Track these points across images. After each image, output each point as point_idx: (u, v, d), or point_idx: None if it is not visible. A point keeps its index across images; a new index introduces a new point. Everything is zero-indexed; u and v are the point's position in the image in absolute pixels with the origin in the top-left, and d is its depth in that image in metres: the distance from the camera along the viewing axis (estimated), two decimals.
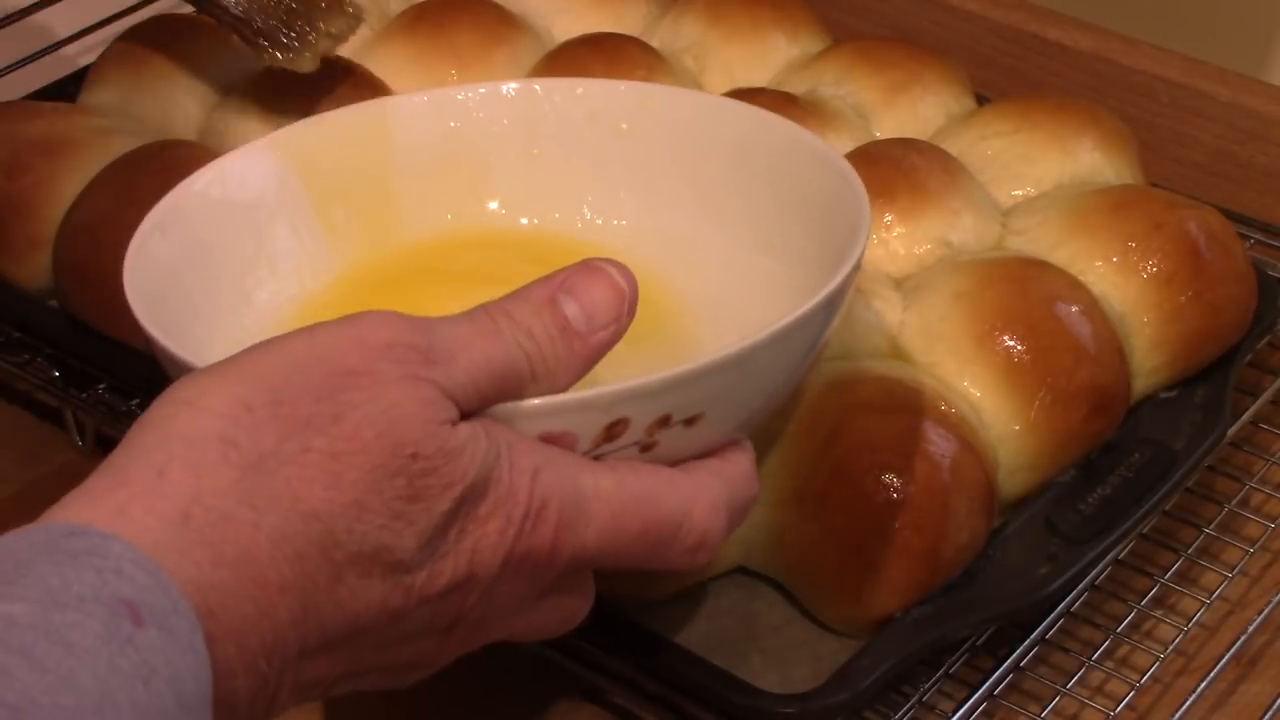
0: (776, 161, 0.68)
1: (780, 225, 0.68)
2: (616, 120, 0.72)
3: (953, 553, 0.69)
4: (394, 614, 0.50)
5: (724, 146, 0.70)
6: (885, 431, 0.70)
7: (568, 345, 0.54)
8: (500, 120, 0.72)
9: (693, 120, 0.71)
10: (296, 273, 0.69)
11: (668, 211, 0.71)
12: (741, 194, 0.70)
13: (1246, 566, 0.76)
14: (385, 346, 0.50)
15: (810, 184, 0.67)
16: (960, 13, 1.07)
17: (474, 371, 0.51)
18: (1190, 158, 0.98)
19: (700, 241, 0.70)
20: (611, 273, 0.55)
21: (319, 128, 0.71)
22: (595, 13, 0.96)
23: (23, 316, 0.83)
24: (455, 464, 0.50)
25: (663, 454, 0.56)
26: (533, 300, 0.54)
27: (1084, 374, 0.74)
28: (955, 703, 0.68)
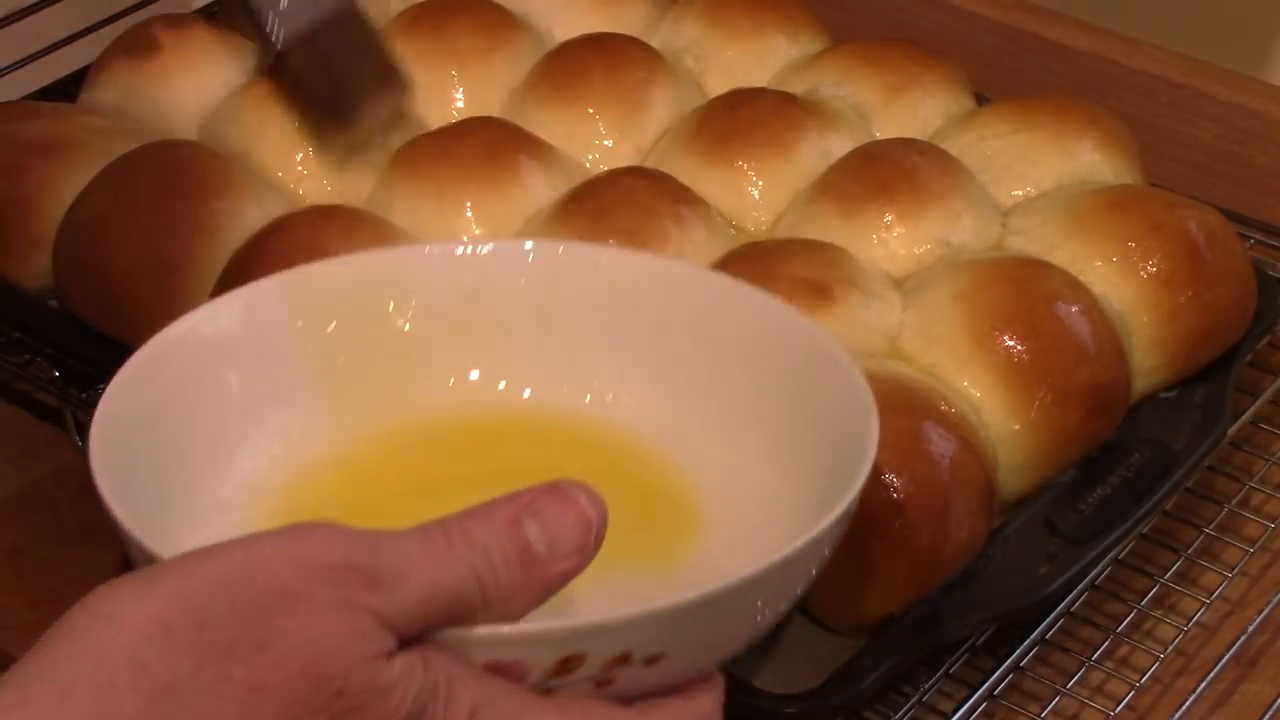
0: (796, 365, 0.64)
1: (790, 432, 0.64)
2: (638, 296, 0.68)
3: (952, 552, 0.69)
4: None
5: (745, 339, 0.66)
6: (885, 431, 0.69)
7: (526, 572, 0.50)
8: (517, 281, 0.68)
9: (715, 307, 0.67)
10: (282, 431, 0.65)
11: (680, 397, 0.67)
12: (756, 391, 0.65)
13: (1246, 566, 0.76)
14: (325, 568, 0.47)
15: (826, 395, 0.63)
16: (960, 13, 1.07)
17: (421, 596, 0.48)
18: (1190, 158, 0.98)
19: (709, 435, 0.66)
20: (581, 500, 0.52)
21: (326, 274, 0.67)
22: (595, 13, 0.96)
23: (23, 316, 0.82)
24: (384, 702, 0.47)
25: (619, 690, 0.53)
26: (494, 520, 0.51)
27: (1084, 374, 0.74)
28: (955, 703, 0.68)
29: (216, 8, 0.98)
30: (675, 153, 0.86)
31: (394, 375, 0.67)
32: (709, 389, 0.66)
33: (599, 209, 0.79)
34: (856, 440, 0.59)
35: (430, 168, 0.82)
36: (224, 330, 0.64)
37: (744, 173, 0.84)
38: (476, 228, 0.81)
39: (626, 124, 0.88)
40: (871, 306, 0.76)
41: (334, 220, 0.78)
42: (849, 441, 0.60)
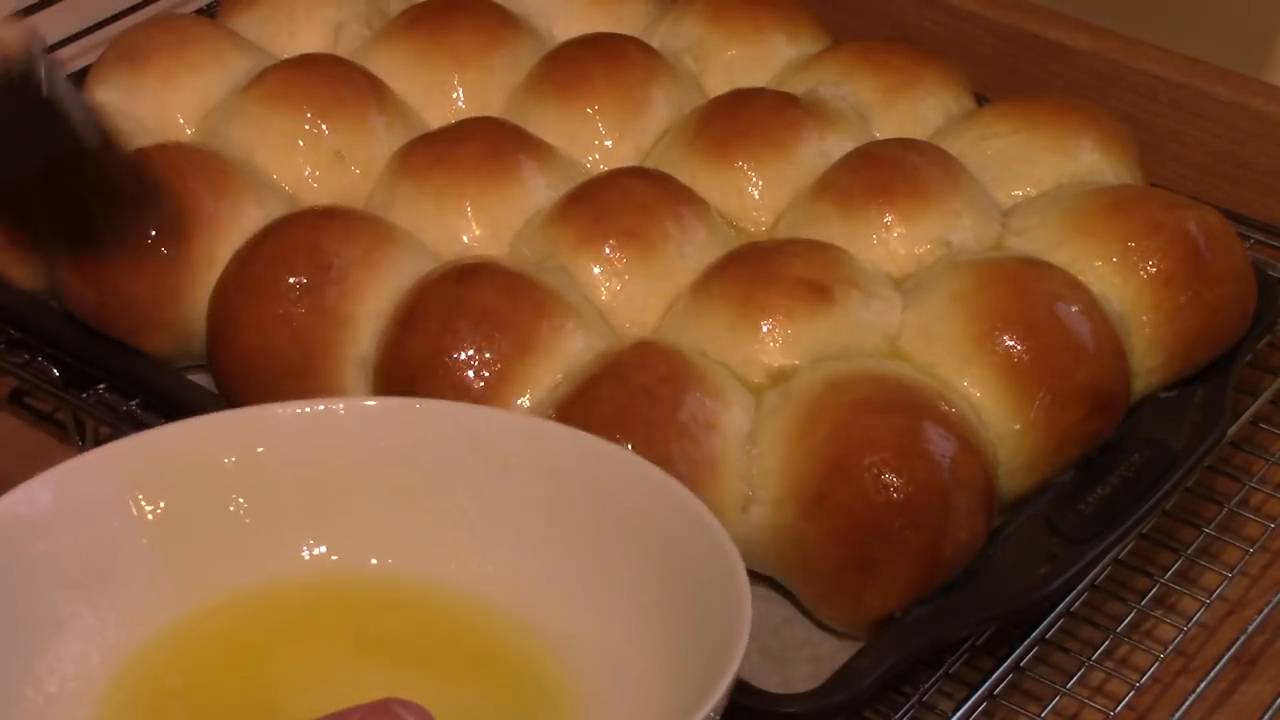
0: (668, 532, 0.61)
1: (663, 605, 0.60)
2: (501, 455, 0.64)
3: (952, 552, 0.69)
4: None
5: (614, 503, 0.62)
6: (885, 431, 0.70)
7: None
8: (374, 441, 0.65)
9: (587, 469, 0.63)
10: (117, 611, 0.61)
11: (548, 563, 0.63)
12: (627, 558, 0.61)
13: (1246, 566, 0.76)
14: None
15: (700, 569, 0.58)
16: (960, 13, 1.07)
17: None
18: (1190, 158, 0.98)
19: (580, 606, 0.62)
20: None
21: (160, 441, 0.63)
22: (595, 13, 0.96)
23: (23, 316, 0.82)
24: None
25: None
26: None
27: (1083, 374, 0.74)
28: (955, 703, 0.68)
29: (215, 8, 0.98)
30: (675, 153, 0.86)
31: (239, 546, 0.64)
32: (578, 555, 0.62)
33: (599, 209, 0.79)
34: (729, 622, 0.55)
35: (430, 168, 0.82)
36: (44, 510, 0.60)
37: (744, 173, 0.84)
38: (476, 228, 0.81)
39: (626, 124, 0.88)
40: (871, 306, 0.76)
41: (334, 220, 0.79)
42: (722, 622, 0.56)
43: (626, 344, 0.74)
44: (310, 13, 0.94)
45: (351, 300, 0.76)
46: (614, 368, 0.72)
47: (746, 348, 0.74)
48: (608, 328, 0.76)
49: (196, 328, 0.79)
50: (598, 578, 0.62)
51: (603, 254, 0.78)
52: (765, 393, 0.73)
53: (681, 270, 0.78)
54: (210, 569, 0.63)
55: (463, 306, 0.73)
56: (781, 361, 0.74)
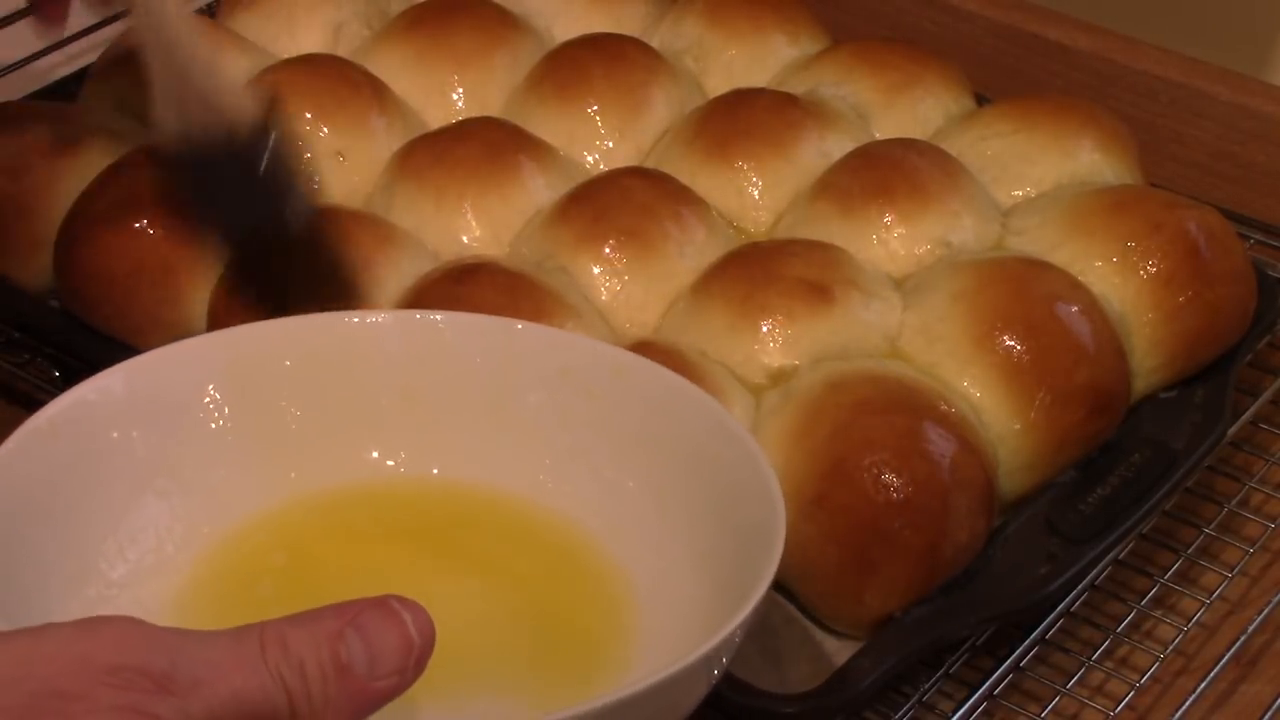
0: (726, 472, 0.63)
1: (716, 539, 0.62)
2: (590, 381, 0.66)
3: (952, 552, 0.69)
4: None
5: (685, 441, 0.64)
6: (885, 431, 0.70)
7: (342, 687, 0.48)
8: (466, 354, 0.67)
9: (664, 405, 0.65)
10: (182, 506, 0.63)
11: (619, 494, 0.65)
12: (689, 493, 0.64)
13: (1246, 566, 0.76)
14: (112, 669, 0.45)
15: (751, 518, 0.61)
16: (960, 13, 1.07)
17: (217, 706, 0.46)
18: (1190, 158, 0.98)
19: (642, 533, 0.64)
20: (408, 621, 0.50)
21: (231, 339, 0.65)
22: (595, 13, 0.96)
23: (23, 316, 0.82)
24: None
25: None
26: (316, 631, 0.48)
27: (1084, 374, 0.74)
28: (955, 703, 0.68)
29: (215, 8, 0.98)
30: (675, 153, 0.86)
31: (323, 447, 0.65)
32: (645, 486, 0.65)
33: (599, 209, 0.79)
34: (765, 565, 0.57)
35: (430, 168, 0.82)
36: (116, 399, 0.62)
37: (744, 173, 0.84)
38: (477, 228, 0.81)
39: (626, 124, 0.88)
40: (871, 306, 0.76)
41: (334, 220, 0.78)
42: (759, 563, 0.57)
43: (626, 344, 0.74)
44: (310, 13, 0.94)
45: None
46: None
47: (746, 348, 0.74)
48: (608, 328, 0.76)
49: (198, 326, 0.79)
50: (660, 509, 0.64)
51: (603, 254, 0.78)
52: (765, 393, 0.73)
53: (681, 270, 0.78)
54: (293, 465, 0.64)
55: (463, 306, 0.73)
56: (781, 361, 0.74)
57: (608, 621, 0.61)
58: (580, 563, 0.64)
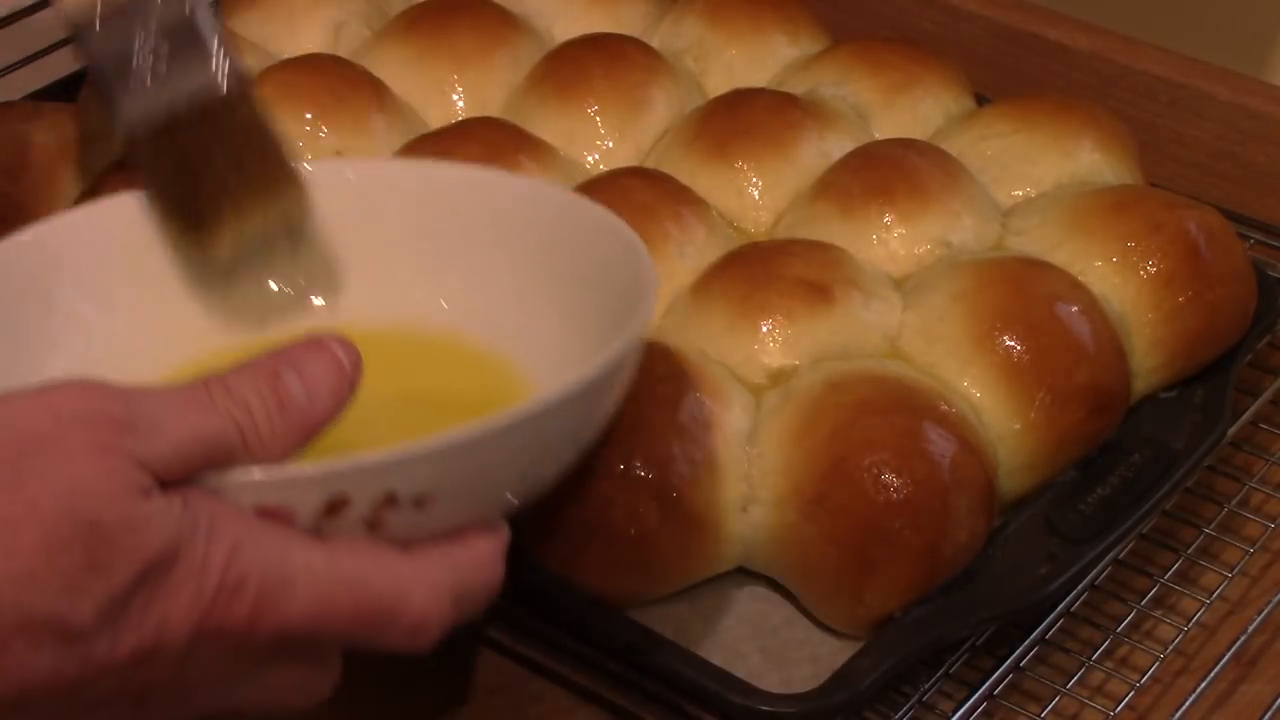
0: (585, 243, 0.67)
1: (590, 308, 0.66)
2: (450, 201, 0.70)
3: (952, 552, 0.69)
4: (69, 683, 0.49)
5: (542, 231, 0.69)
6: (885, 431, 0.70)
7: (285, 418, 0.53)
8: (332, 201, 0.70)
9: (519, 206, 0.70)
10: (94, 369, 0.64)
11: (489, 292, 0.69)
12: (559, 278, 0.68)
13: (1246, 566, 0.76)
14: (77, 414, 0.49)
15: (612, 265, 0.66)
16: (960, 13, 1.07)
17: (179, 443, 0.50)
18: (1190, 158, 0.98)
19: (516, 321, 0.69)
20: (336, 350, 0.55)
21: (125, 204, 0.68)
22: (595, 13, 0.96)
23: None
24: (140, 534, 0.49)
25: (394, 533, 0.54)
26: (255, 372, 0.53)
27: (1084, 374, 0.74)
28: (955, 703, 0.68)
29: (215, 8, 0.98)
30: (675, 153, 0.86)
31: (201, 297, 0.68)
32: (517, 277, 0.69)
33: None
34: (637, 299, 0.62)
35: None
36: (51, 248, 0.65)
37: (744, 173, 0.84)
38: None
39: (626, 124, 0.88)
40: (871, 306, 0.76)
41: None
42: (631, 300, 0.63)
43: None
44: (310, 13, 0.94)
45: None
46: None
47: (746, 348, 0.74)
48: None
49: None
50: (533, 292, 0.68)
51: None
52: (765, 393, 0.73)
53: (681, 270, 0.78)
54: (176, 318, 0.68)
55: None
56: (781, 361, 0.74)
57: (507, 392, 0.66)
58: (469, 359, 0.68)
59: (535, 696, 0.70)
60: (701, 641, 0.69)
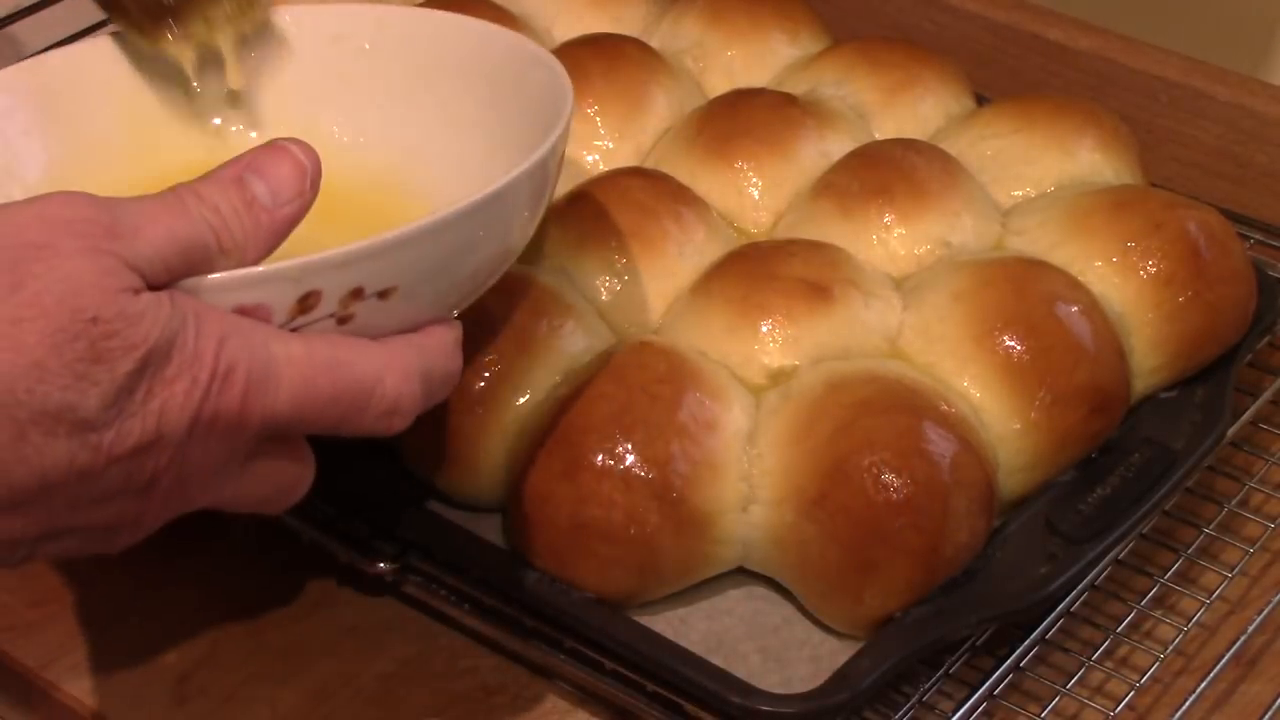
0: (500, 68, 0.72)
1: (512, 126, 0.70)
2: (360, 41, 0.75)
3: (952, 552, 0.69)
4: (83, 472, 0.52)
5: (457, 59, 0.73)
6: (885, 431, 0.70)
7: (254, 220, 0.57)
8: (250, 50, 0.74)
9: (429, 38, 0.74)
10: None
11: (409, 124, 0.74)
12: (477, 104, 0.72)
13: (1246, 566, 0.76)
14: (67, 222, 0.52)
15: (530, 86, 0.71)
16: (960, 13, 1.07)
17: (159, 245, 0.54)
18: (1190, 158, 0.98)
19: (441, 148, 0.73)
20: (295, 151, 0.58)
21: (66, 57, 0.73)
22: (595, 13, 0.96)
23: None
24: (136, 328, 0.52)
25: (362, 327, 0.58)
26: (221, 179, 0.57)
27: (1083, 374, 0.74)
28: (955, 703, 0.68)
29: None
30: (675, 153, 0.86)
31: (139, 141, 0.72)
32: (431, 106, 0.73)
33: (599, 209, 0.79)
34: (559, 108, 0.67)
35: None
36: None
37: (744, 173, 0.84)
38: None
39: (626, 124, 0.88)
40: (871, 306, 0.76)
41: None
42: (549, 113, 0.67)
43: (626, 344, 0.74)
44: None
45: None
46: (614, 368, 0.72)
47: (746, 348, 0.74)
48: (607, 328, 0.76)
49: None
50: (450, 118, 0.73)
51: (602, 254, 0.78)
52: (765, 393, 0.73)
53: (681, 270, 0.78)
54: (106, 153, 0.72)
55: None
56: (781, 361, 0.74)
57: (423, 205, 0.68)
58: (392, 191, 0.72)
59: (535, 696, 0.70)
60: (701, 641, 0.69)
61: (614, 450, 0.69)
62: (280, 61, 0.75)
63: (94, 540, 0.56)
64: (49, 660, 0.71)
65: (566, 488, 0.69)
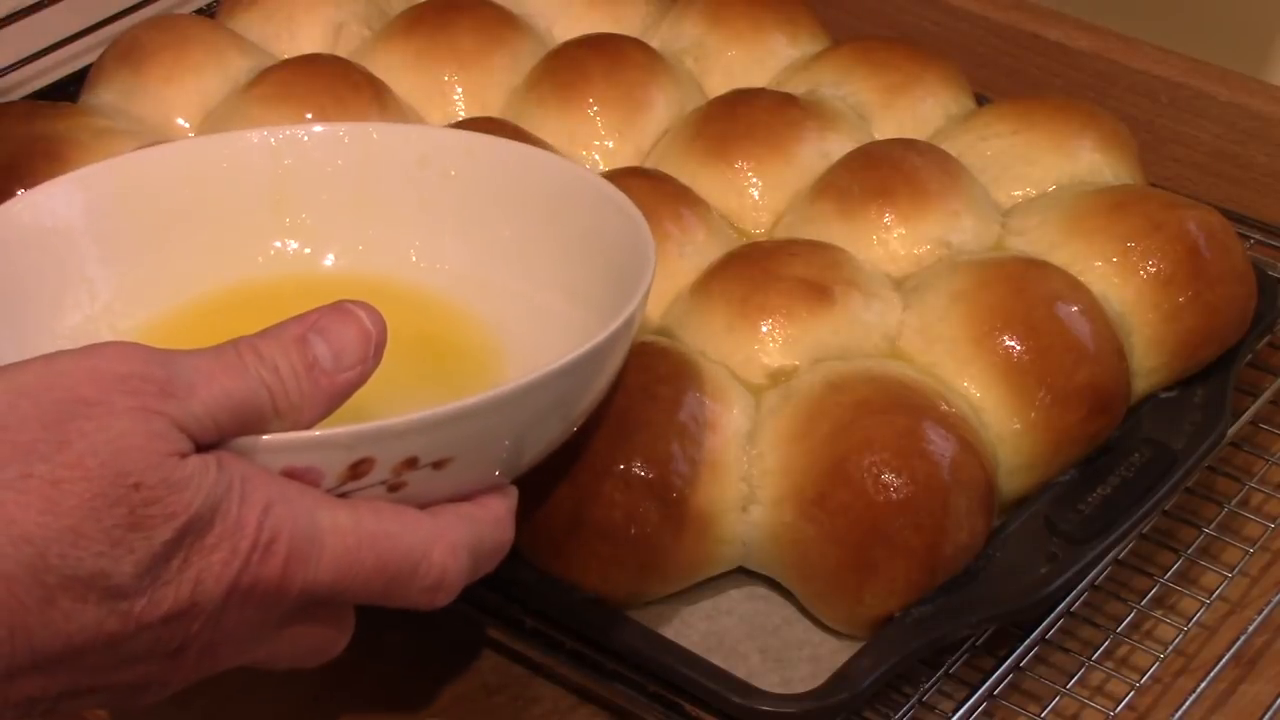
0: (585, 214, 0.70)
1: (585, 275, 0.69)
2: (446, 167, 0.73)
3: (952, 552, 0.69)
4: (111, 638, 0.51)
5: (544, 199, 0.71)
6: (885, 431, 0.70)
7: (313, 383, 0.55)
8: (335, 161, 0.73)
9: (515, 171, 0.72)
10: (106, 311, 0.68)
11: (488, 257, 0.72)
12: (557, 247, 0.70)
13: (1246, 566, 0.76)
14: (120, 378, 0.51)
15: (612, 236, 0.68)
16: (960, 13, 1.07)
17: (212, 405, 0.52)
18: (1190, 158, 0.98)
19: (514, 288, 0.71)
20: (361, 315, 0.57)
21: (138, 161, 0.72)
22: (595, 13, 0.96)
23: None
24: (179, 495, 0.51)
25: (413, 495, 0.57)
26: (282, 338, 0.55)
27: (1084, 374, 0.74)
28: (955, 703, 0.68)
29: (215, 7, 0.98)
30: (675, 153, 0.86)
31: (216, 254, 0.71)
32: (514, 250, 0.71)
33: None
34: (638, 273, 0.64)
35: None
36: (43, 219, 0.67)
37: (744, 173, 0.84)
38: None
39: (626, 124, 0.88)
40: (871, 307, 0.76)
41: None
42: (633, 273, 0.65)
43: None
44: (310, 13, 0.94)
45: None
46: None
47: (746, 348, 0.74)
48: None
49: None
50: (532, 265, 0.71)
51: None
52: (765, 393, 0.73)
53: (681, 270, 0.78)
54: (182, 276, 0.70)
55: None
56: (781, 361, 0.74)
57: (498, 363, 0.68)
58: (461, 325, 0.70)
59: (535, 697, 0.70)
60: (701, 641, 0.69)
61: (614, 450, 0.69)
62: (363, 177, 0.73)
63: (117, 698, 0.54)
64: None
65: (566, 488, 0.69)
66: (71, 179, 0.69)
